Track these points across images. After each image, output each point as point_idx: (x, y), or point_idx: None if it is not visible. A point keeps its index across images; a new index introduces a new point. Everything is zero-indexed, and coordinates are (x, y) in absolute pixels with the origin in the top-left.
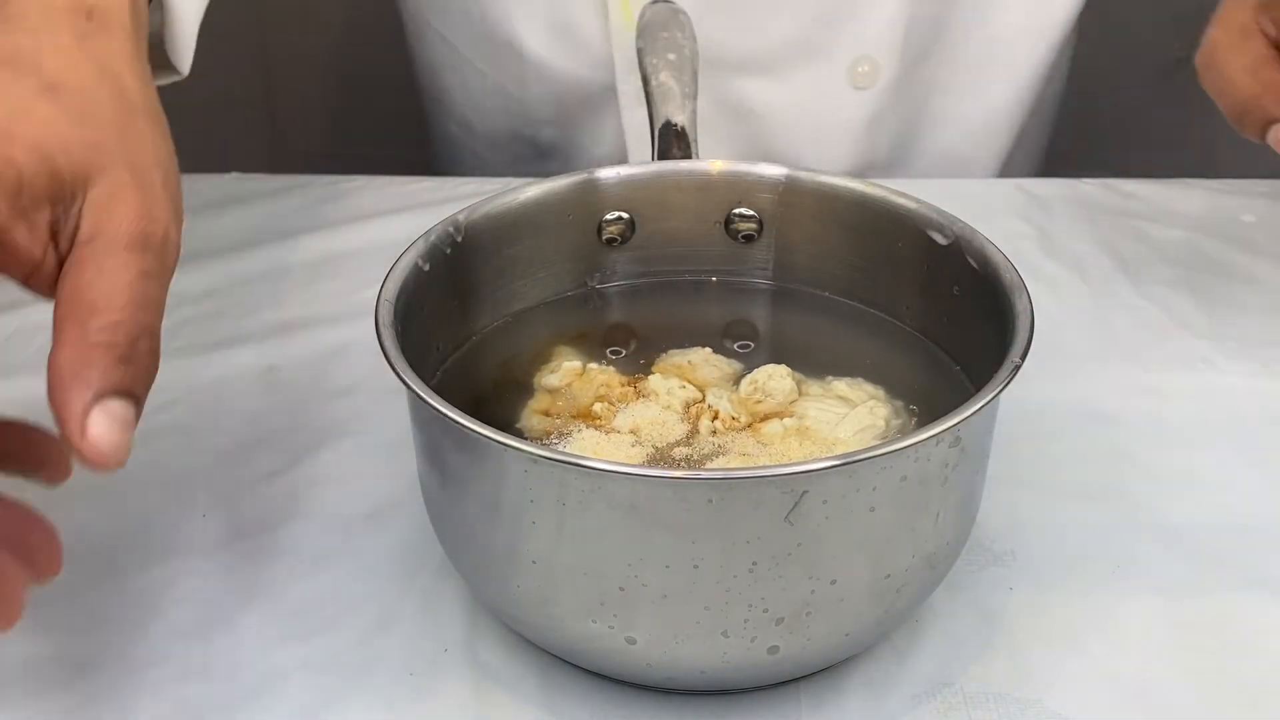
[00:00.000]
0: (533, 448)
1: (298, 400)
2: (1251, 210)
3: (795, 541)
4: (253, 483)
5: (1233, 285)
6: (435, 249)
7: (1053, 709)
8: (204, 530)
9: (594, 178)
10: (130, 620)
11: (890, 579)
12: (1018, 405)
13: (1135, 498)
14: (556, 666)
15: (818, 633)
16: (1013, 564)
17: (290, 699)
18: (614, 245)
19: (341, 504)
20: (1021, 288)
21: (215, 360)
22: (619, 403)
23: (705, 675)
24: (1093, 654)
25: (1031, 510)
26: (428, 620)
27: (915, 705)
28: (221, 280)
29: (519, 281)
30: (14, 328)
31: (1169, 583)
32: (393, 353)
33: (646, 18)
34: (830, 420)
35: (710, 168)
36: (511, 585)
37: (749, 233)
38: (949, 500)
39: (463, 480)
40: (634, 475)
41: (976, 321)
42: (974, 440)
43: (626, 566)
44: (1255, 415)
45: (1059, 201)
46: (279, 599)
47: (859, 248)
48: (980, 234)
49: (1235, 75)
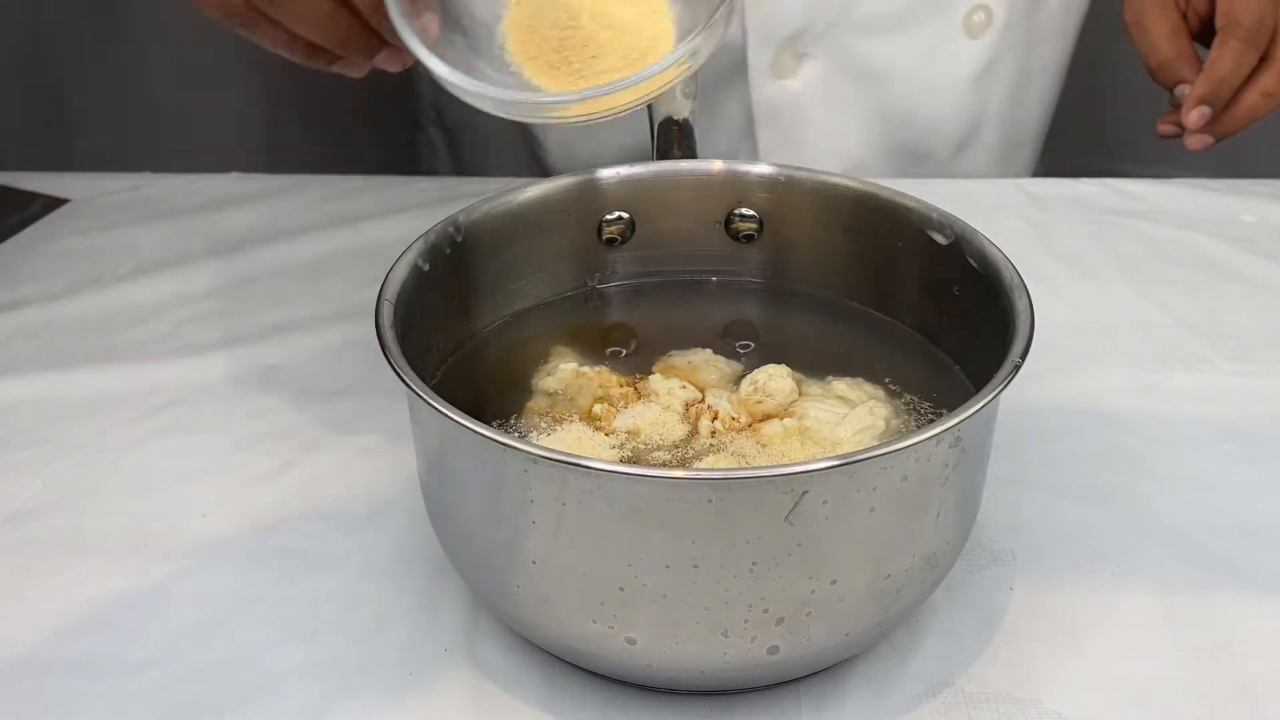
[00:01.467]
0: (533, 448)
1: (298, 400)
2: (1251, 210)
3: (795, 541)
4: (253, 483)
5: (1233, 285)
6: (435, 249)
7: (1052, 709)
8: (204, 530)
9: (594, 178)
10: (130, 620)
11: (890, 579)
12: (1018, 405)
13: (1135, 498)
14: (556, 666)
15: (818, 633)
16: (1013, 564)
17: (290, 699)
18: (614, 245)
19: (341, 504)
20: (1021, 288)
21: (215, 360)
22: (620, 403)
23: (705, 675)
24: (1093, 654)
25: (1031, 510)
26: (428, 620)
27: (915, 705)
28: (221, 280)
29: (519, 281)
30: (14, 328)
31: (1169, 583)
32: (393, 353)
33: None
34: (830, 420)
35: (710, 167)
36: (511, 585)
37: (749, 233)
38: (949, 500)
39: (463, 480)
40: (634, 475)
41: (976, 321)
42: (974, 440)
43: (626, 566)
44: (1255, 415)
45: (1059, 201)
46: (279, 599)
47: (859, 248)
48: (980, 234)
49: (1158, 39)
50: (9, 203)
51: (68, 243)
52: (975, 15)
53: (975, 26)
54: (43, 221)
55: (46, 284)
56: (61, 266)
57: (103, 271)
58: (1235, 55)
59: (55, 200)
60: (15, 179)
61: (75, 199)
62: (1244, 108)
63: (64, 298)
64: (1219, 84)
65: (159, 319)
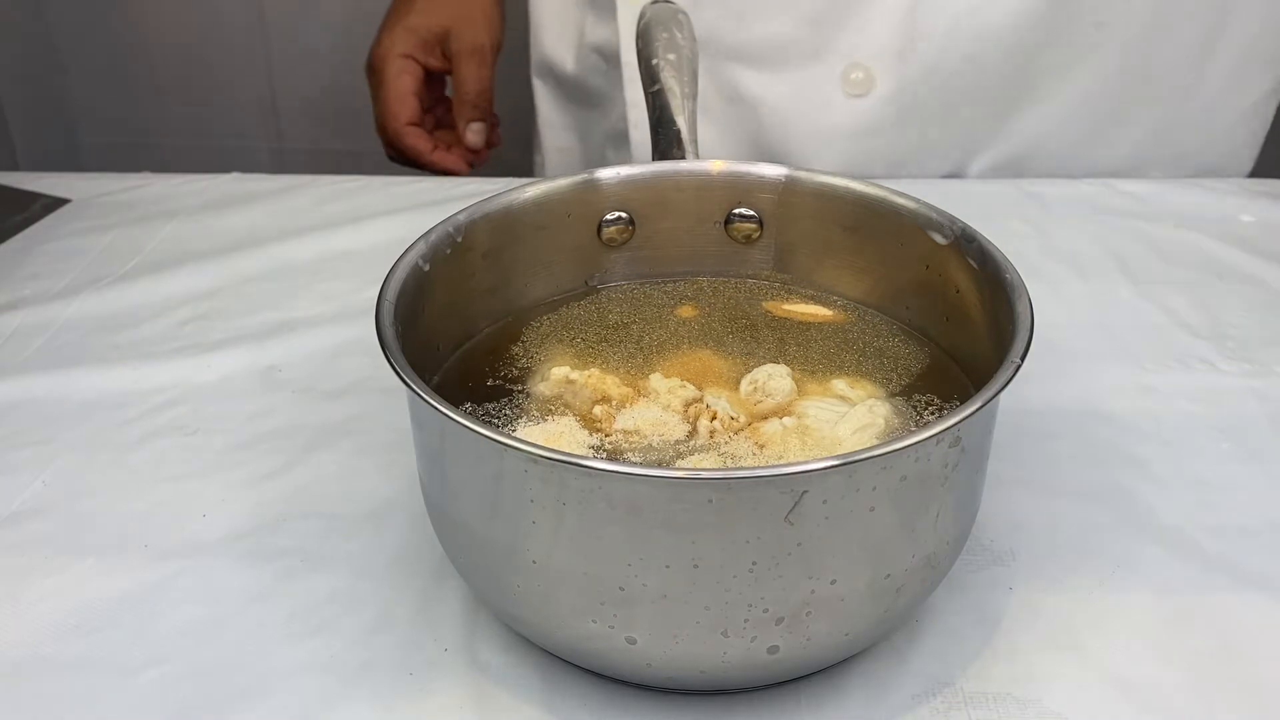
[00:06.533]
0: (533, 448)
1: (298, 400)
2: (1251, 210)
3: (795, 541)
4: (253, 483)
5: (1233, 285)
6: (435, 249)
7: (1052, 709)
8: (204, 530)
9: (594, 178)
10: (130, 620)
11: (890, 579)
12: (1018, 405)
13: (1135, 498)
14: (556, 666)
15: (818, 633)
16: (1013, 564)
17: (290, 699)
18: (614, 245)
19: (341, 504)
20: (1021, 288)
21: (215, 360)
22: (620, 404)
23: (705, 675)
24: (1093, 654)
25: (1031, 510)
26: (427, 620)
27: (915, 705)
28: (221, 280)
29: (519, 281)
30: (14, 328)
31: (1169, 583)
32: (393, 353)
33: (646, 18)
34: (830, 419)
35: (710, 168)
36: (511, 585)
37: (749, 233)
38: (949, 500)
39: (463, 480)
40: (634, 475)
41: (976, 321)
42: (974, 440)
43: (626, 566)
44: (1255, 415)
45: (1059, 201)
46: (279, 599)
47: (859, 248)
48: (980, 234)
49: (391, 98)
50: (9, 203)
51: (68, 243)
52: (853, 73)
53: (853, 85)
54: (43, 221)
55: (46, 284)
56: (61, 266)
57: (103, 271)
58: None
59: (56, 200)
60: (16, 179)
61: (76, 199)
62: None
63: (64, 298)
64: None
65: (159, 319)
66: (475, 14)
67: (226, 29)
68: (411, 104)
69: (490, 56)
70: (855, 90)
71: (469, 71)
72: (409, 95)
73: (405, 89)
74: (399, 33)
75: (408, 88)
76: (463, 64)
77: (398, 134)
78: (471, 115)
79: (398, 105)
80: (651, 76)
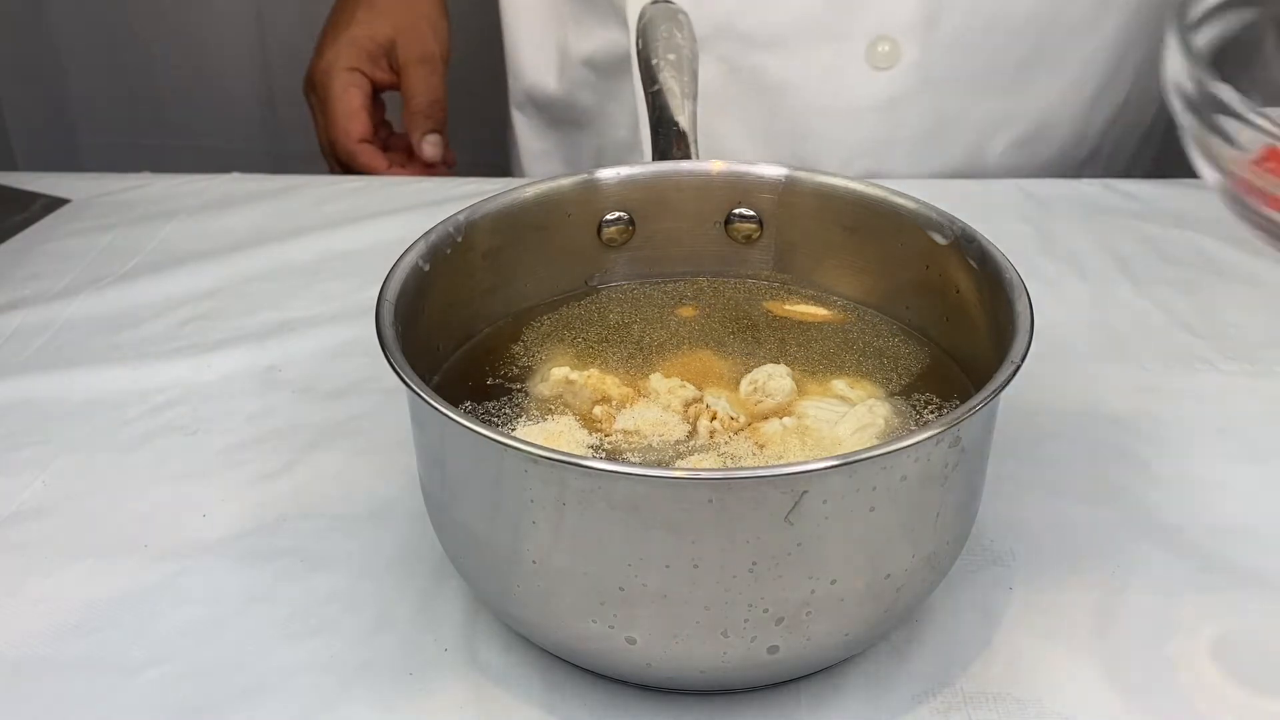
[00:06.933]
0: (533, 448)
1: (298, 400)
2: None
3: (795, 541)
4: (253, 483)
5: (1233, 285)
6: (435, 249)
7: (1052, 709)
8: (204, 530)
9: (594, 178)
10: (130, 620)
11: (890, 579)
12: (1018, 405)
13: (1135, 498)
14: (556, 666)
15: (818, 633)
16: (1013, 564)
17: (289, 699)
18: (614, 245)
19: (341, 504)
20: (1021, 288)
21: (215, 360)
22: (620, 404)
23: (705, 675)
24: (1093, 654)
25: (1031, 510)
26: (427, 620)
27: (915, 705)
28: (221, 280)
29: (519, 281)
30: (14, 328)
31: (1169, 583)
32: (393, 353)
33: (646, 17)
34: (830, 419)
35: (710, 168)
36: (511, 585)
37: (749, 233)
38: (949, 500)
39: (463, 480)
40: (634, 475)
41: (976, 321)
42: (974, 440)
43: (626, 566)
44: (1255, 415)
45: (1059, 201)
46: (279, 599)
47: (859, 248)
48: (980, 234)
49: (340, 114)
50: (9, 203)
51: (68, 243)
52: (880, 46)
53: (879, 58)
54: (43, 221)
55: (46, 284)
56: (61, 266)
57: (103, 271)
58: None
59: (56, 200)
60: (16, 179)
61: (76, 199)
62: None
63: (64, 298)
64: None
65: (159, 319)
66: (420, 23)
67: (225, 30)
68: (363, 119)
69: (440, 65)
70: (882, 63)
71: (419, 81)
72: (360, 110)
73: (355, 104)
74: (342, 46)
75: (357, 102)
76: (412, 73)
77: (350, 153)
78: (426, 126)
79: (348, 122)
80: (651, 76)
